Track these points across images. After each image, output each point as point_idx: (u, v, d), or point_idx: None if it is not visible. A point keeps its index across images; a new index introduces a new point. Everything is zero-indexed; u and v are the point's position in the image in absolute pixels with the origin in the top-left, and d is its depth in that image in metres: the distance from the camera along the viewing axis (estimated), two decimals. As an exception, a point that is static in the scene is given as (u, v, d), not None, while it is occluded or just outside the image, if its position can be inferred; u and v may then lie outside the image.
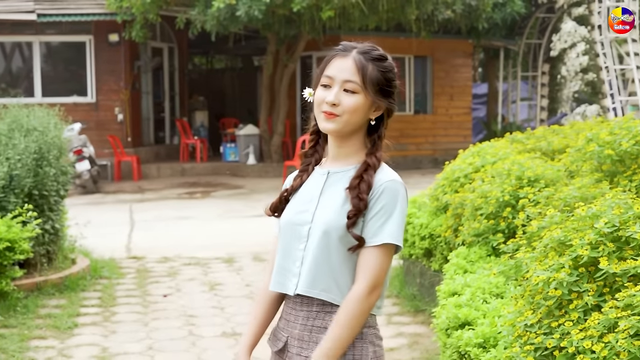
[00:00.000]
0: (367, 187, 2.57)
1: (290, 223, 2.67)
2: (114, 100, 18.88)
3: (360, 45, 2.73)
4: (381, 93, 2.63)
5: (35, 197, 7.80)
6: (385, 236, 2.53)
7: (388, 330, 6.50)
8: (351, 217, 2.54)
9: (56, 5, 17.99)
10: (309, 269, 2.59)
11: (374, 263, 2.53)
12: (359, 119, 2.62)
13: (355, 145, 2.68)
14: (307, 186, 2.72)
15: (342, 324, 2.51)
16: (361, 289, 2.52)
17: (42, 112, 8.60)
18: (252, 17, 15.47)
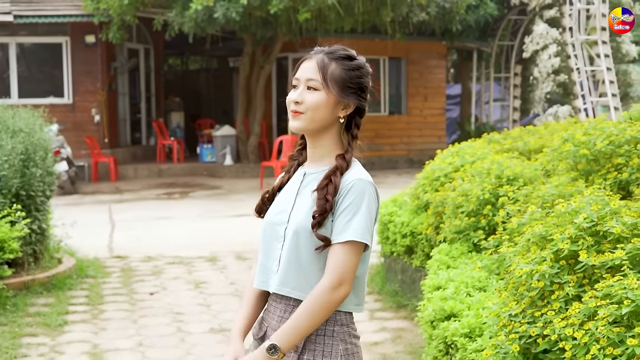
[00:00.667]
0: (334, 189, 2.61)
1: (271, 223, 2.74)
2: (90, 101, 18.94)
3: (329, 48, 2.82)
4: (346, 90, 2.69)
5: (22, 198, 7.91)
6: (350, 233, 2.57)
7: (371, 325, 6.70)
8: (316, 217, 2.60)
9: (33, 6, 18.04)
10: (282, 268, 2.66)
11: (340, 260, 2.57)
12: (324, 115, 2.67)
13: (328, 146, 2.73)
14: (287, 187, 2.80)
15: (302, 313, 2.57)
16: (325, 284, 2.57)
17: (27, 113, 8.71)
18: (229, 18, 15.62)
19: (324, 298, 2.56)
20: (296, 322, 2.58)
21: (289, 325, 2.58)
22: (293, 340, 2.58)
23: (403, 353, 6.01)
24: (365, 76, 2.78)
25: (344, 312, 2.67)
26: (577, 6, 16.80)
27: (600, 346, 3.10)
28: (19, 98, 18.13)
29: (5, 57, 18.89)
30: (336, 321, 2.65)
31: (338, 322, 2.66)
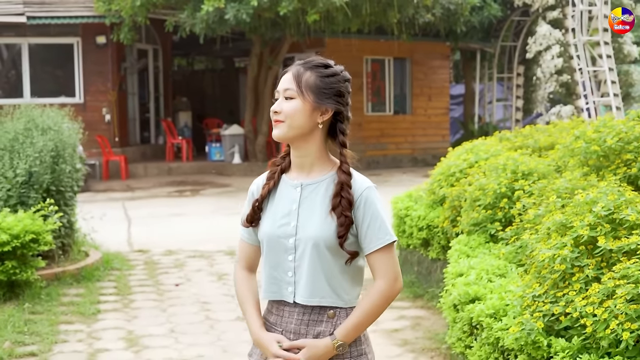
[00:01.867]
0: (348, 204, 2.75)
1: (274, 236, 2.82)
2: (101, 101, 19.27)
3: (306, 59, 2.87)
4: (321, 96, 2.77)
5: (53, 193, 8.24)
6: (388, 237, 2.78)
7: (390, 314, 7.03)
8: (342, 236, 2.74)
9: (45, 8, 18.37)
10: (307, 280, 2.78)
11: (388, 261, 2.78)
12: (301, 122, 2.76)
13: (313, 153, 2.83)
14: (281, 198, 2.86)
15: (365, 313, 2.75)
16: (386, 281, 2.77)
17: (54, 112, 9.04)
18: (239, 20, 15.94)
19: (385, 294, 2.77)
20: (359, 321, 2.75)
21: (352, 324, 2.74)
22: (355, 336, 2.77)
23: (422, 339, 6.34)
24: (341, 82, 2.83)
25: None
26: (580, 8, 17.09)
27: (618, 322, 3.44)
28: (31, 97, 18.43)
29: (18, 57, 19.21)
30: None
31: None
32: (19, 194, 7.96)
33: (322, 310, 2.79)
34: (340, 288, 2.79)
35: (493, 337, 4.17)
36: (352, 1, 16.17)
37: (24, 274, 7.27)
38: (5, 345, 6.10)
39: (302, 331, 2.79)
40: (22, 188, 7.98)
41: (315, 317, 2.79)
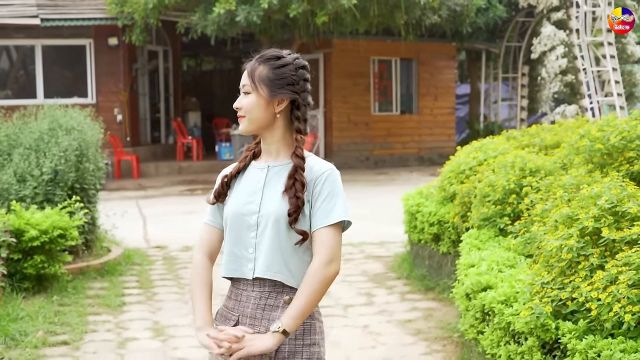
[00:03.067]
0: (302, 186, 2.82)
1: (238, 214, 2.89)
2: (113, 101, 19.61)
3: (262, 53, 2.98)
4: (274, 87, 2.86)
5: (77, 190, 8.58)
6: (338, 215, 2.82)
7: (403, 306, 7.36)
8: (292, 214, 2.80)
9: (58, 10, 18.72)
10: (265, 254, 2.84)
11: (329, 239, 2.81)
12: (259, 115, 2.87)
13: (279, 141, 2.92)
14: (248, 179, 2.96)
15: (302, 296, 2.78)
16: (318, 263, 2.80)
17: (77, 112, 9.37)
18: (250, 22, 16.27)
19: (319, 276, 2.79)
20: (299, 306, 2.78)
21: (293, 310, 2.77)
22: (299, 322, 2.80)
23: (435, 328, 6.66)
24: (292, 71, 2.90)
25: None
26: (584, 9, 17.39)
27: (621, 305, 3.75)
28: (44, 98, 18.78)
29: (31, 59, 19.55)
30: None
31: None
32: (45, 192, 8.29)
33: (279, 296, 2.84)
34: (294, 267, 2.84)
35: (504, 322, 4.48)
36: (360, 3, 16.48)
37: (52, 268, 7.60)
38: (38, 334, 6.43)
39: (258, 316, 2.85)
40: (48, 186, 8.31)
41: (272, 302, 2.84)
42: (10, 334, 6.32)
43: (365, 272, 8.76)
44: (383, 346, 6.28)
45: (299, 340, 2.84)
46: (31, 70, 20.02)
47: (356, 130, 21.02)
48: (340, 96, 20.80)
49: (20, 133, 9.02)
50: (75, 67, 19.93)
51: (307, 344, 2.85)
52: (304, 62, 2.96)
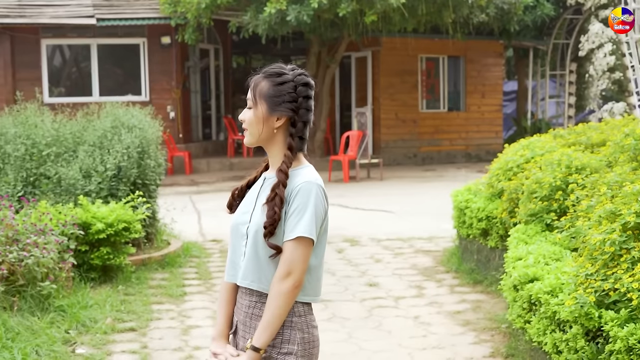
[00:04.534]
0: (280, 201, 2.86)
1: (236, 223, 3.02)
2: (166, 99, 20.09)
3: (268, 67, 3.01)
4: (273, 103, 2.92)
5: (139, 186, 8.99)
6: (299, 230, 2.84)
7: (452, 298, 7.65)
8: (266, 227, 2.86)
9: (114, 10, 19.24)
10: (245, 262, 2.94)
11: (290, 254, 2.84)
12: (260, 129, 2.94)
13: (278, 155, 2.97)
14: (252, 190, 3.07)
15: (266, 309, 2.86)
16: (276, 276, 2.85)
17: (137, 111, 9.78)
18: (300, 21, 16.59)
19: (275, 290, 2.85)
20: (263, 319, 2.87)
21: (260, 325, 2.87)
22: (267, 335, 2.87)
23: (483, 319, 6.93)
24: (292, 89, 2.94)
25: (301, 303, 2.94)
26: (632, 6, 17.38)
27: (660, 295, 4.01)
28: (99, 96, 19.34)
29: (87, 58, 20.11)
30: (294, 313, 2.91)
31: (296, 314, 2.92)
32: (109, 187, 8.70)
33: (263, 306, 2.91)
34: (270, 275, 2.90)
35: (550, 311, 4.76)
36: (409, 2, 16.72)
37: (117, 259, 8.01)
38: (107, 321, 6.83)
39: (247, 323, 2.98)
40: (112, 181, 8.73)
41: (257, 312, 2.94)
42: (81, 320, 6.73)
43: (415, 266, 9.04)
44: (433, 335, 6.57)
45: (276, 348, 2.90)
46: (83, 68, 20.59)
47: (404, 127, 21.28)
48: (388, 94, 21.07)
49: (84, 131, 9.45)
50: (129, 66, 20.46)
51: (283, 352, 2.90)
52: (306, 79, 2.98)
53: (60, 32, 19.55)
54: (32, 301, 6.74)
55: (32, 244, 6.93)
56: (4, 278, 6.61)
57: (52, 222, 7.50)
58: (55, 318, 6.67)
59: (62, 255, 7.28)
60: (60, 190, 8.62)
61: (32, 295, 6.77)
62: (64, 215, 7.77)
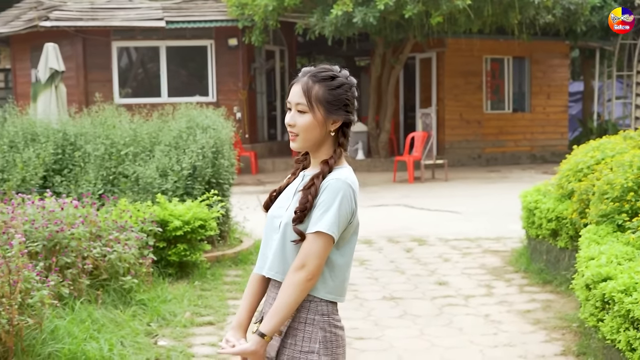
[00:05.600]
0: (315, 191, 2.89)
1: (270, 216, 3.05)
2: (232, 100, 20.42)
3: (314, 69, 3.00)
4: (331, 108, 2.93)
5: (213, 185, 9.24)
6: (320, 225, 2.85)
7: (522, 297, 7.74)
8: (296, 213, 2.89)
9: (182, 13, 19.64)
10: (273, 254, 2.98)
11: (308, 247, 2.86)
12: (315, 134, 2.95)
13: (324, 155, 2.99)
14: (290, 186, 3.10)
15: (280, 295, 2.88)
16: (292, 266, 2.88)
17: (211, 112, 10.05)
18: (366, 23, 16.74)
19: (289, 279, 2.86)
20: (274, 307, 2.87)
21: (270, 312, 2.89)
22: (275, 322, 2.87)
23: (554, 318, 7.01)
24: (347, 91, 2.98)
25: (325, 302, 2.94)
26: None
27: None
28: (168, 97, 19.76)
29: (156, 59, 20.53)
30: (317, 311, 2.92)
31: (319, 312, 2.92)
32: (185, 186, 8.97)
33: None
34: None
35: (624, 310, 4.84)
36: (475, 3, 16.75)
37: (193, 256, 8.26)
38: (186, 315, 7.08)
39: None
40: (187, 180, 8.99)
41: None
42: (161, 314, 6.99)
43: (483, 266, 9.14)
44: (504, 333, 6.68)
45: (298, 346, 2.92)
46: (150, 69, 21.01)
47: (468, 128, 21.29)
48: (452, 94, 21.10)
49: (159, 131, 9.74)
50: (197, 67, 20.85)
51: (305, 351, 2.90)
52: (354, 80, 3.03)
53: (130, 34, 20.02)
54: (115, 295, 7.03)
55: (114, 240, 7.22)
56: (89, 272, 6.90)
57: (131, 219, 7.79)
58: (136, 311, 6.94)
59: (142, 251, 7.56)
60: (138, 189, 8.92)
61: (115, 289, 7.06)
62: (143, 212, 8.05)
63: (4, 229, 6.40)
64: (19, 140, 9.42)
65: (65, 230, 6.75)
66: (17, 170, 8.86)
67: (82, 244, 6.85)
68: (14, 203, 7.34)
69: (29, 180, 8.85)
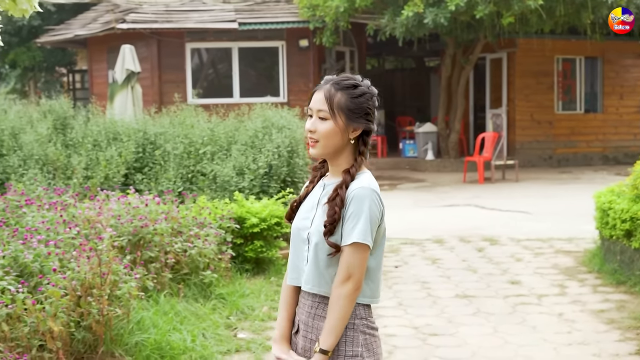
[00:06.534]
0: (341, 201, 2.92)
1: (297, 228, 3.09)
2: (303, 100, 20.59)
3: (337, 77, 3.08)
4: (352, 117, 2.97)
5: (288, 183, 9.45)
6: (354, 236, 2.89)
7: (595, 297, 7.77)
8: (327, 227, 2.92)
9: (254, 14, 19.95)
10: (308, 267, 3.01)
11: (346, 259, 2.90)
12: (335, 141, 2.98)
13: (344, 163, 3.02)
14: (310, 196, 3.13)
15: (329, 313, 2.93)
16: (336, 281, 2.93)
17: (286, 112, 10.26)
18: (437, 23, 16.79)
19: (336, 294, 2.92)
20: (328, 323, 2.94)
21: (325, 328, 2.94)
22: (334, 338, 2.93)
23: (628, 318, 7.03)
24: (369, 100, 3.03)
25: (362, 306, 2.99)
26: None
27: None
28: (240, 97, 20.08)
29: (228, 60, 20.88)
30: (356, 315, 2.97)
31: (358, 316, 2.97)
32: (261, 184, 9.20)
33: (326, 307, 2.99)
34: (330, 279, 2.98)
35: (701, 309, 4.88)
36: (547, 3, 16.66)
37: (269, 252, 8.48)
38: (264, 309, 7.29)
39: (310, 323, 3.05)
40: (263, 178, 9.22)
41: (320, 312, 3.01)
42: (240, 308, 7.21)
43: (556, 266, 9.16)
44: (578, 332, 6.73)
45: (341, 351, 2.96)
46: (220, 69, 21.35)
47: (539, 128, 21.16)
48: (523, 95, 21.00)
49: (236, 130, 9.99)
50: (268, 68, 21.13)
51: (348, 355, 2.96)
52: (375, 89, 3.09)
53: (202, 36, 20.39)
54: (195, 289, 7.27)
55: (194, 235, 7.46)
56: (171, 267, 7.16)
57: (210, 216, 8.03)
58: (216, 305, 7.17)
59: (220, 247, 7.79)
60: (216, 187, 9.17)
61: (195, 283, 7.30)
62: (221, 210, 8.29)
63: (92, 224, 6.69)
64: (102, 139, 9.76)
65: (149, 225, 7.02)
66: (101, 168, 9.17)
67: (164, 239, 7.11)
68: (100, 199, 7.64)
69: (112, 177, 9.17)
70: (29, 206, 7.18)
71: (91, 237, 6.35)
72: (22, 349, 5.02)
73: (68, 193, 7.95)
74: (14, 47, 25.37)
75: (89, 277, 5.52)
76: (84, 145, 9.63)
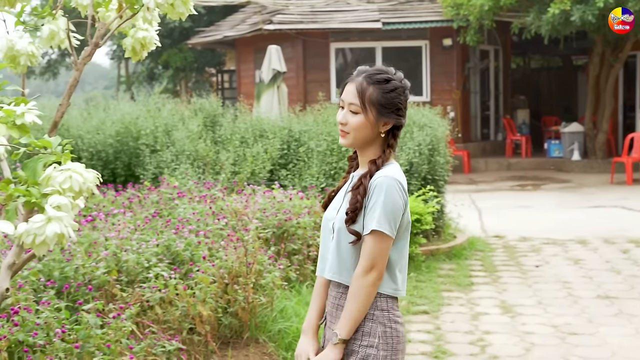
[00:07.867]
0: (364, 190, 2.93)
1: (325, 219, 3.12)
2: (446, 99, 20.63)
3: (369, 70, 3.04)
4: (383, 111, 2.96)
5: (429, 181, 9.54)
6: (373, 224, 2.89)
7: None
8: (348, 214, 2.94)
9: (398, 14, 20.08)
10: (331, 256, 3.04)
11: (367, 248, 2.90)
12: (365, 134, 2.98)
13: (373, 155, 3.02)
14: (342, 189, 3.16)
15: (348, 300, 2.93)
16: (358, 270, 2.92)
17: (427, 110, 10.35)
18: (585, 21, 16.45)
19: (358, 282, 2.91)
20: (346, 310, 2.94)
21: (342, 316, 2.94)
22: (351, 327, 2.93)
23: None
24: (401, 95, 3.00)
25: (385, 297, 2.97)
26: None
27: None
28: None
29: (372, 60, 21.08)
30: (377, 306, 2.95)
31: (379, 307, 2.96)
32: (403, 181, 9.31)
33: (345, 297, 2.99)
34: (351, 267, 2.98)
35: None
36: None
37: (409, 248, 8.58)
38: (402, 303, 7.42)
39: (333, 313, 3.07)
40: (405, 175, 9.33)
41: (341, 303, 3.02)
42: (379, 301, 7.35)
43: None
44: None
45: (357, 340, 2.95)
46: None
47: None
48: (674, 94, 20.29)
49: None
50: (412, 67, 21.20)
51: (364, 345, 2.94)
52: (408, 83, 3.07)
53: (346, 36, 20.69)
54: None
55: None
56: (313, 259, 7.38)
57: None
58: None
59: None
60: (358, 183, 9.35)
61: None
62: (362, 205, 8.46)
63: (239, 216, 7.00)
64: (249, 136, 10.12)
65: (292, 219, 7.27)
66: (247, 164, 9.52)
67: (307, 232, 7.34)
68: (246, 193, 7.97)
69: (258, 173, 9.50)
70: (181, 199, 7.59)
71: (238, 228, 6.65)
72: (174, 331, 5.33)
73: (217, 187, 8.31)
74: (166, 49, 26.48)
75: (236, 265, 5.80)
76: (232, 141, 10.01)
